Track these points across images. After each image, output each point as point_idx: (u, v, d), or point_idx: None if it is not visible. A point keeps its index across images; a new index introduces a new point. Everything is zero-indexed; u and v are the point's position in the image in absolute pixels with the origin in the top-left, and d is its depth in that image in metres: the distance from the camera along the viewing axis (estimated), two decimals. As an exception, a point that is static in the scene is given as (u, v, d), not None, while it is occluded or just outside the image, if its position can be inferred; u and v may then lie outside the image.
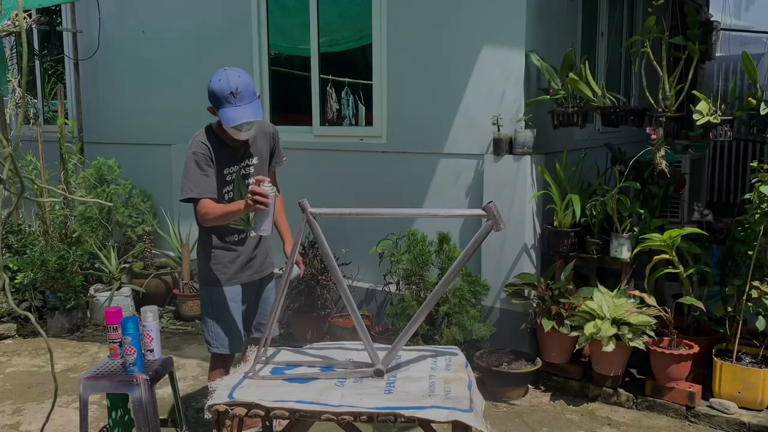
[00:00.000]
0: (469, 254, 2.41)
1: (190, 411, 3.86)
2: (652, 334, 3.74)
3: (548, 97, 4.18)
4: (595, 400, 3.95)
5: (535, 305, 4.12)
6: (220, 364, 3.18)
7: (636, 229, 4.09)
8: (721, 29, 8.20)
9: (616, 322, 3.73)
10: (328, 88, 5.35)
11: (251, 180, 3.07)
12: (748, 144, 8.70)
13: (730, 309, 3.79)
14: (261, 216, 2.71)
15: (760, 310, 3.66)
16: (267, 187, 2.66)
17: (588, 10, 5.17)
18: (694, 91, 3.96)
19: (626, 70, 6.07)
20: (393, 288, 4.49)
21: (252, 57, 5.39)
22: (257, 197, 2.62)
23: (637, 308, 3.78)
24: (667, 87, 3.97)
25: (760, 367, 3.62)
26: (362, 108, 5.38)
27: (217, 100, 2.85)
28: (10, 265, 5.30)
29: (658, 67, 4.03)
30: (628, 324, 3.71)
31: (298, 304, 4.87)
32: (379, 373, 2.47)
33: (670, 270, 3.85)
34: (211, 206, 2.88)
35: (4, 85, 5.29)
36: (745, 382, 3.60)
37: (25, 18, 5.28)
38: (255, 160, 3.13)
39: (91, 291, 5.55)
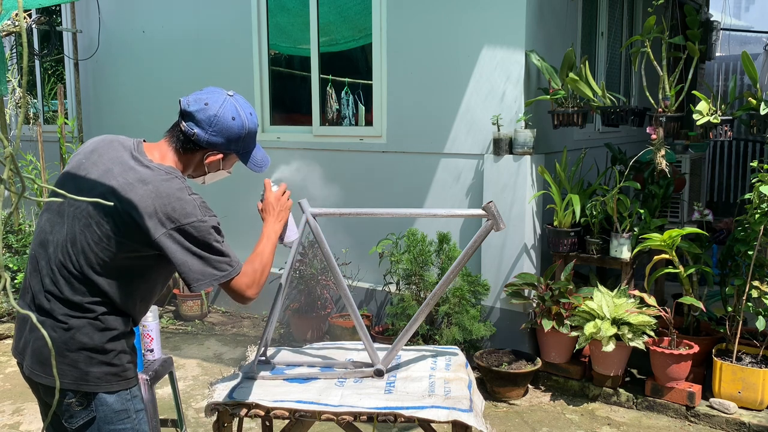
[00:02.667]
0: (469, 254, 2.41)
1: (190, 411, 3.86)
2: (652, 334, 3.75)
3: (548, 97, 4.18)
4: (595, 400, 3.95)
5: (535, 305, 4.12)
6: None
7: (636, 229, 4.09)
8: (721, 29, 8.21)
9: (616, 322, 3.73)
10: (328, 88, 5.35)
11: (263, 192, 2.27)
12: (748, 144, 8.70)
13: (730, 309, 3.79)
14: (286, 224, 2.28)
15: (760, 310, 3.66)
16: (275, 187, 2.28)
17: (588, 10, 5.17)
18: (694, 91, 3.96)
19: (626, 70, 6.07)
20: (393, 288, 4.49)
21: (252, 57, 5.39)
22: (286, 200, 2.22)
23: (637, 308, 3.78)
24: (667, 87, 3.97)
25: (760, 367, 3.62)
26: (362, 108, 5.39)
27: (252, 139, 2.04)
28: (11, 265, 5.31)
29: (658, 67, 4.03)
30: (628, 324, 3.71)
31: (297, 304, 4.87)
32: (379, 373, 2.47)
33: (670, 270, 3.84)
34: (251, 265, 1.97)
35: (4, 85, 5.29)
36: (745, 382, 3.60)
37: (25, 18, 5.29)
38: None
39: (91, 291, 5.55)
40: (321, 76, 5.20)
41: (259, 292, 1.96)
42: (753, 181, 3.70)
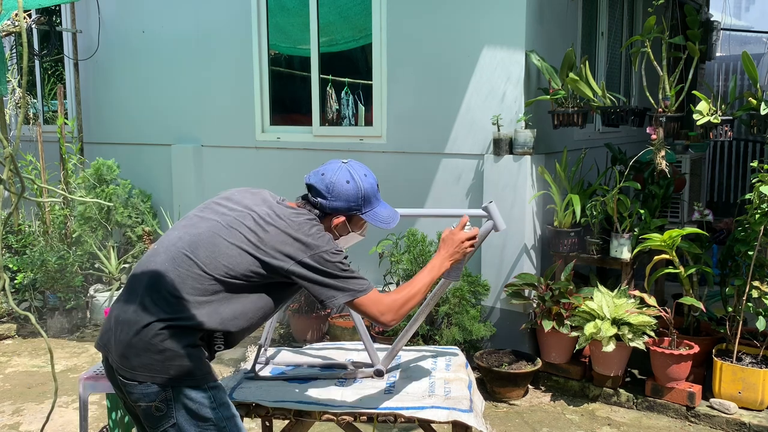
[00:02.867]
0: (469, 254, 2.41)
1: (190, 411, 3.85)
2: (653, 334, 3.74)
3: (548, 97, 4.18)
4: (595, 400, 3.95)
5: (535, 305, 4.12)
6: None
7: (636, 229, 4.09)
8: (721, 29, 8.21)
9: (617, 322, 3.73)
10: (328, 88, 5.35)
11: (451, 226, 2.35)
12: (748, 144, 8.70)
13: (730, 309, 3.79)
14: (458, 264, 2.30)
15: (760, 310, 3.66)
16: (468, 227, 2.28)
17: (588, 10, 5.17)
18: (694, 91, 3.96)
19: (626, 70, 6.07)
20: (393, 288, 4.48)
21: (252, 57, 5.39)
22: (467, 247, 2.26)
23: (637, 308, 3.78)
24: (667, 87, 3.97)
25: (761, 367, 3.62)
26: (362, 108, 5.38)
27: (369, 201, 2.18)
28: (10, 265, 5.30)
29: (658, 67, 4.03)
30: (629, 324, 3.71)
31: (297, 304, 4.86)
32: (379, 374, 2.47)
33: (670, 270, 3.84)
34: (395, 294, 2.12)
35: (4, 85, 5.29)
36: (745, 382, 3.60)
37: (25, 18, 5.28)
38: None
39: (91, 291, 5.55)
40: (321, 76, 5.20)
41: (396, 319, 2.06)
42: (753, 181, 3.70)
